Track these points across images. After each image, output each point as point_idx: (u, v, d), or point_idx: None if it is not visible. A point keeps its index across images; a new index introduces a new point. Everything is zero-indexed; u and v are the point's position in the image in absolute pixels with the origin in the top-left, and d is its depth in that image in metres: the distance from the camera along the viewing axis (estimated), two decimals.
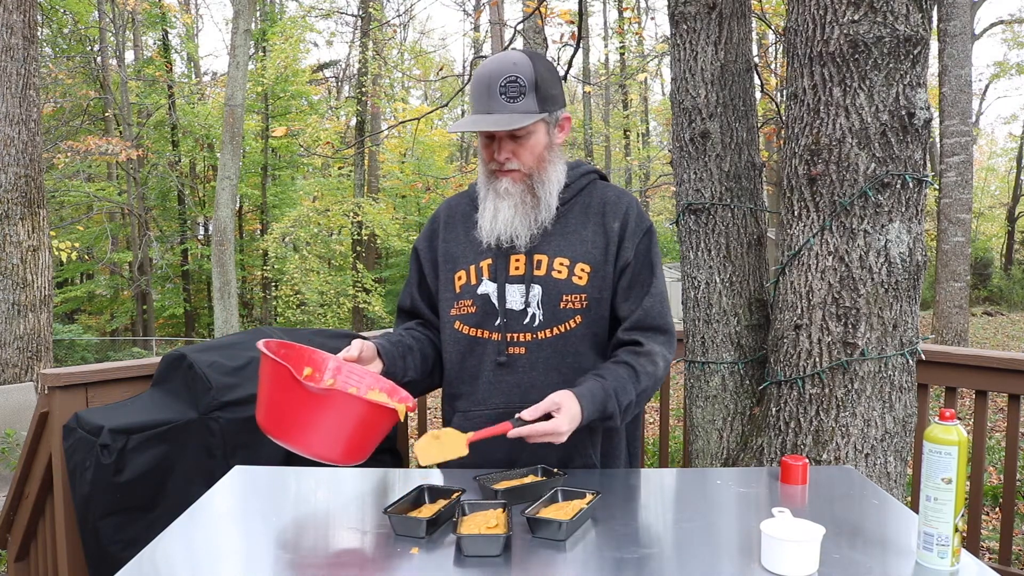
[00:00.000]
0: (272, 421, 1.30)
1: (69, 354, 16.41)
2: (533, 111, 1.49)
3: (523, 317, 1.54)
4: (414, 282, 1.72)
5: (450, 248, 1.65)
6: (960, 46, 8.65)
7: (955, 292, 8.85)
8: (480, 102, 1.50)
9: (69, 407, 2.21)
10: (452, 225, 1.68)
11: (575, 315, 1.54)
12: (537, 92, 1.50)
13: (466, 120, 1.51)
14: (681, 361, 2.61)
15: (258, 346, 1.31)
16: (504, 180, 1.54)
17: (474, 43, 23.19)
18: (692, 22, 2.42)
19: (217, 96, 21.02)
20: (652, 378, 1.51)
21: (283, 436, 1.28)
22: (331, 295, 19.04)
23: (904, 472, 2.11)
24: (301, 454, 1.29)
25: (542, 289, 1.54)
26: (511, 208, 1.52)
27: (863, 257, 1.98)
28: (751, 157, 2.46)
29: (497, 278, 1.56)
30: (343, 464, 1.33)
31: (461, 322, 1.59)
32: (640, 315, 1.55)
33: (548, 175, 1.55)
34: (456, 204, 1.71)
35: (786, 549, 1.03)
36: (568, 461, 1.54)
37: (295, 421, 1.27)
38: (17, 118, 5.21)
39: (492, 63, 1.51)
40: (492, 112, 1.48)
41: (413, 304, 1.72)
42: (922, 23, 1.93)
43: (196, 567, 1.11)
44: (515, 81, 1.47)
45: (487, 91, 1.48)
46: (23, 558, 2.58)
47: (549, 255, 1.55)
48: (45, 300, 5.42)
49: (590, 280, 1.55)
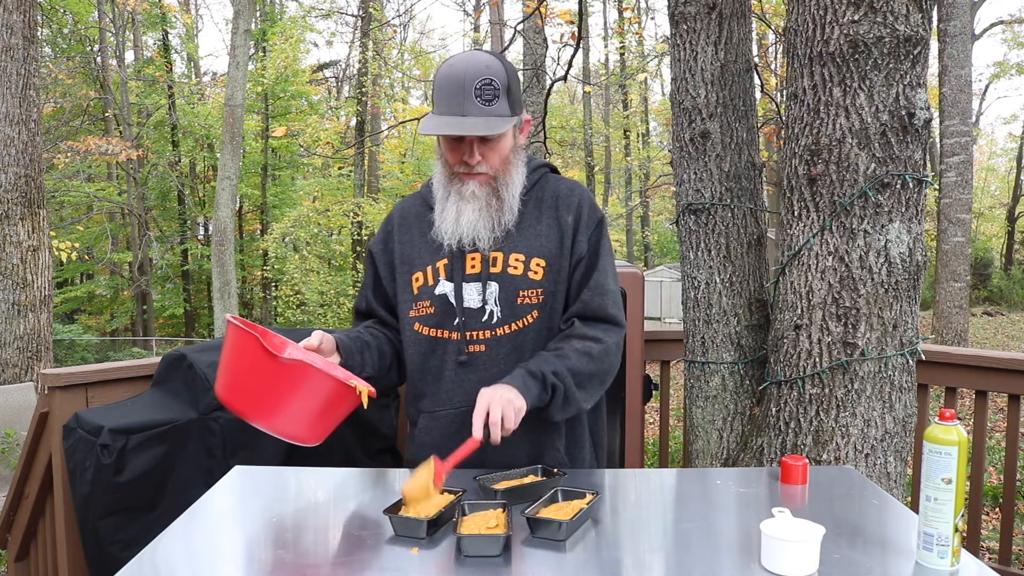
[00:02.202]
0: (234, 392, 1.29)
1: (69, 354, 16.41)
2: (507, 115, 1.48)
3: (481, 315, 1.55)
4: (369, 285, 1.71)
5: (405, 250, 1.65)
6: (960, 46, 8.65)
7: (955, 292, 8.86)
8: (452, 103, 1.46)
9: (69, 407, 2.21)
10: (406, 227, 1.67)
11: (532, 310, 1.55)
12: (509, 95, 1.49)
13: (439, 122, 1.47)
14: (681, 361, 2.61)
15: (226, 318, 1.31)
16: (471, 183, 1.53)
17: (474, 43, 23.17)
18: (692, 22, 2.42)
19: (217, 96, 21.03)
20: (583, 354, 1.49)
21: (246, 409, 1.27)
22: (331, 295, 19.04)
23: (904, 472, 2.11)
24: (262, 429, 1.28)
25: (499, 286, 1.54)
26: (475, 211, 1.52)
27: (863, 257, 1.98)
28: (751, 157, 2.46)
29: (453, 277, 1.56)
30: (301, 443, 1.32)
31: (420, 323, 1.59)
32: (578, 307, 1.56)
33: (512, 177, 1.56)
34: (409, 206, 1.70)
35: (786, 549, 1.03)
36: (537, 458, 1.55)
37: (259, 393, 1.26)
38: (17, 118, 5.21)
39: (463, 63, 1.48)
40: (467, 114, 1.45)
41: (369, 306, 1.71)
42: (922, 23, 1.93)
43: (196, 567, 1.11)
44: (490, 84, 1.46)
45: (460, 92, 1.45)
46: (23, 558, 2.58)
47: (505, 251, 1.55)
48: (45, 300, 5.42)
49: (545, 275, 1.55)
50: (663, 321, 16.42)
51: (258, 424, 1.28)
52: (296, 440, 1.31)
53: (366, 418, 2.40)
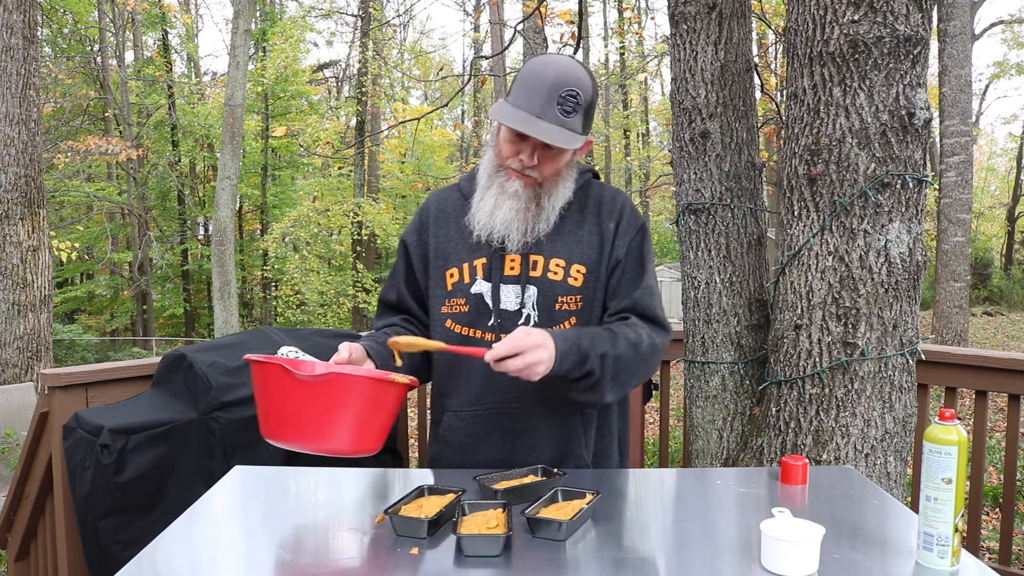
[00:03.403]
0: (275, 425, 1.26)
1: (69, 354, 16.41)
2: (579, 132, 1.47)
3: (518, 318, 1.53)
4: (401, 275, 1.67)
5: (441, 243, 1.62)
6: (960, 46, 8.66)
7: (955, 292, 8.86)
8: (533, 100, 1.43)
9: (69, 407, 2.21)
10: (442, 220, 1.64)
11: (570, 316, 1.53)
12: (587, 113, 1.48)
13: (514, 115, 1.44)
14: (681, 361, 2.61)
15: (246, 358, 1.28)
16: (516, 181, 1.51)
17: (474, 43, 23.18)
18: (692, 22, 2.42)
19: (217, 96, 21.03)
20: (633, 345, 1.43)
21: (290, 437, 1.25)
22: (331, 295, 19.04)
23: (904, 472, 2.11)
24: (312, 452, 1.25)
25: (538, 290, 1.53)
26: (512, 211, 1.51)
27: (863, 257, 1.98)
28: (751, 157, 2.46)
29: (492, 278, 1.54)
30: (357, 454, 1.29)
31: (453, 320, 1.58)
32: (628, 303, 1.53)
33: (558, 190, 1.54)
34: (446, 198, 1.68)
35: (786, 549, 1.03)
36: (561, 461, 1.54)
37: (297, 418, 1.23)
38: (17, 118, 5.21)
39: (558, 67, 1.46)
40: (544, 117, 1.43)
41: (400, 298, 1.67)
42: (922, 23, 1.93)
43: (196, 567, 1.11)
44: (575, 96, 1.44)
45: (546, 94, 1.43)
46: (23, 558, 2.58)
47: (545, 256, 1.54)
48: (45, 300, 5.42)
49: (586, 281, 1.54)
50: None
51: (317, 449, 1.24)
52: (359, 452, 1.28)
53: None
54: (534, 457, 1.50)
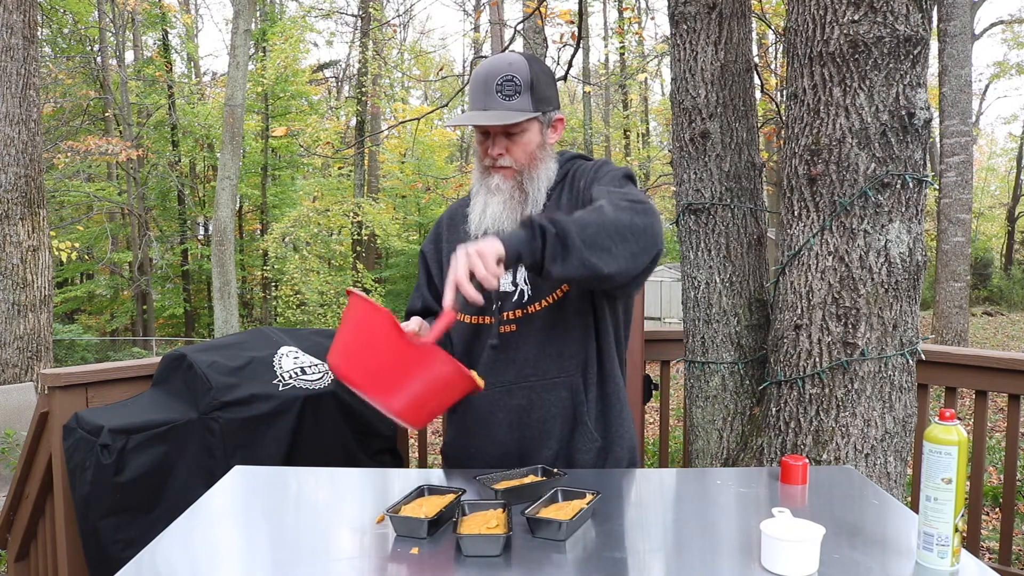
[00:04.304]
0: (354, 367, 1.27)
1: (69, 354, 16.41)
2: (527, 110, 1.54)
3: (513, 295, 1.59)
4: (423, 284, 1.77)
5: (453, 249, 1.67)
6: (960, 46, 8.65)
7: (955, 292, 8.85)
8: (476, 99, 1.55)
9: (69, 407, 2.21)
10: (454, 227, 1.75)
11: (561, 284, 1.56)
12: (532, 92, 1.54)
13: (462, 116, 1.57)
14: (681, 361, 2.61)
15: (349, 291, 1.32)
16: (496, 176, 1.59)
17: (474, 43, 23.16)
18: (692, 22, 2.42)
19: (217, 96, 21.02)
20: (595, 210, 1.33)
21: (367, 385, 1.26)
22: (331, 295, 19.03)
23: (904, 472, 2.11)
24: (370, 402, 1.27)
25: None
26: (499, 204, 1.57)
27: (863, 257, 1.98)
28: (751, 157, 2.46)
29: None
30: (411, 425, 1.32)
31: (462, 312, 1.64)
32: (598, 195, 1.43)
33: (538, 172, 1.59)
34: (457, 208, 1.78)
35: (786, 549, 1.03)
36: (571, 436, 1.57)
37: (383, 372, 1.25)
38: (17, 118, 5.21)
39: (489, 63, 1.57)
40: (488, 109, 1.53)
41: (425, 303, 1.76)
42: (922, 23, 1.93)
43: (196, 567, 1.11)
44: (511, 80, 1.53)
45: (484, 88, 1.54)
46: (23, 558, 2.58)
47: None
48: (45, 300, 5.42)
49: None
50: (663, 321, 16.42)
51: (375, 401, 1.27)
52: (407, 422, 1.30)
53: (366, 418, 2.40)
54: (545, 430, 1.55)
